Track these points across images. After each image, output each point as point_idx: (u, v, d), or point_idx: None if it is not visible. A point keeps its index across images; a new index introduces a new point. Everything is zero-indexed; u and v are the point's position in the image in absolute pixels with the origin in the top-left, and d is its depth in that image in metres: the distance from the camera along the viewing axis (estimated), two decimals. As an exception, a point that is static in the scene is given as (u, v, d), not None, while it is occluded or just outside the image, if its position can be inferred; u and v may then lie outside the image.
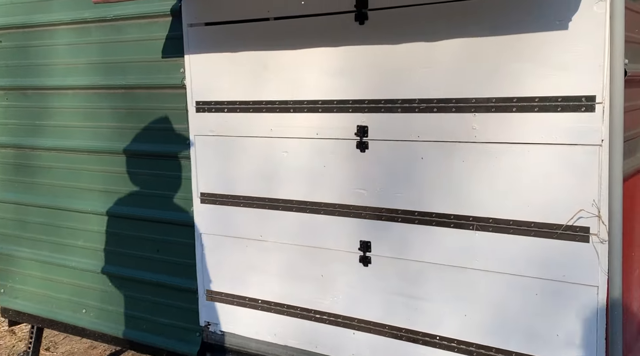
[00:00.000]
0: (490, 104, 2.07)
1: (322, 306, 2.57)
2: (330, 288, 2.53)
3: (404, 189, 2.29)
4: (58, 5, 3.13)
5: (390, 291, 2.39)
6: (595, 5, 1.84)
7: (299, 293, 2.63)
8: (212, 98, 2.72)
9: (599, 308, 1.97)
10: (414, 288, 2.33)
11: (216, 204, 2.81)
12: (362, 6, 2.27)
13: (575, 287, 2.00)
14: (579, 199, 1.95)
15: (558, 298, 2.03)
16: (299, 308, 2.65)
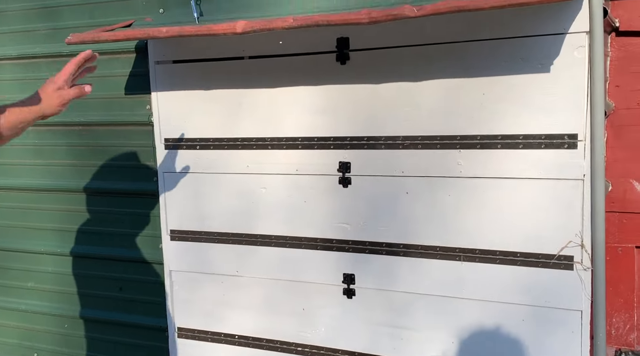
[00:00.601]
0: (475, 141, 2.16)
1: (304, 339, 2.58)
2: (312, 321, 2.55)
3: (388, 222, 2.35)
4: (5, 39, 2.96)
5: (375, 321, 2.43)
6: (575, 50, 1.97)
7: (279, 327, 2.62)
8: (183, 135, 2.66)
9: (583, 331, 2.10)
10: (400, 318, 2.38)
11: (188, 240, 2.75)
12: (343, 47, 2.30)
13: (561, 312, 2.13)
14: (564, 230, 2.08)
15: (544, 323, 2.15)
16: (279, 341, 2.65)
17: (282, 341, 2.63)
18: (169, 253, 2.81)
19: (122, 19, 2.68)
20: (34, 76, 2.95)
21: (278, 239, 2.56)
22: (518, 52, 2.05)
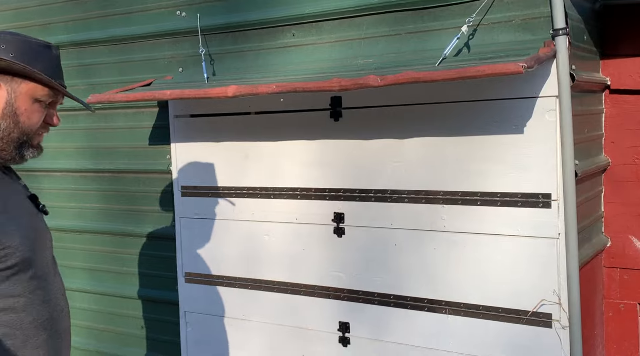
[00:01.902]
0: (457, 197, 2.24)
1: (304, 384, 2.67)
2: (311, 367, 2.64)
3: (379, 273, 2.44)
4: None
5: (368, 370, 2.50)
6: (546, 113, 2.04)
7: (281, 371, 2.73)
8: (197, 183, 2.86)
9: (563, 389, 2.11)
10: (391, 367, 2.45)
11: (200, 283, 2.92)
12: (336, 105, 2.45)
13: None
14: (541, 288, 2.11)
15: (525, 379, 2.17)
16: (281, 385, 2.75)
17: (283, 384, 2.74)
18: (184, 294, 2.98)
19: (147, 76, 2.94)
20: (72, 126, 3.24)
21: (280, 285, 2.69)
22: (494, 113, 2.14)
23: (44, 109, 1.66)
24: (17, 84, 1.61)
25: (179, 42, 2.87)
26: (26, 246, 1.57)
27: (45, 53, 1.65)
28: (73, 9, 3.20)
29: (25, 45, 1.61)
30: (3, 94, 1.60)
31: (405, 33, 2.30)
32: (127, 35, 3.01)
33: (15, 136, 1.63)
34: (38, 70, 1.60)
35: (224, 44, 2.74)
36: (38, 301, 1.61)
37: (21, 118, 1.62)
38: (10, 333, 1.55)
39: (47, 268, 1.67)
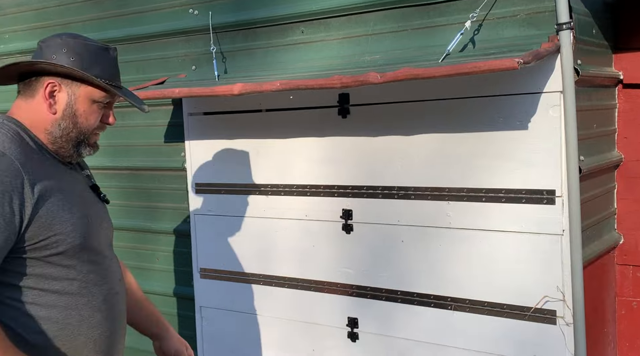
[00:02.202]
0: (462, 194, 2.23)
1: (315, 379, 2.70)
2: (321, 362, 2.67)
3: (387, 269, 2.45)
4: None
5: (377, 366, 2.52)
6: (550, 109, 2.02)
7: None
8: (210, 180, 2.90)
9: (568, 386, 2.09)
10: (399, 363, 2.46)
11: (215, 279, 2.96)
12: (344, 102, 2.46)
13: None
14: (545, 284, 2.09)
15: (530, 376, 2.16)
16: (293, 379, 2.78)
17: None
18: (199, 289, 3.03)
19: (161, 75, 2.99)
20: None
21: (290, 281, 2.72)
22: (499, 109, 2.13)
23: (101, 109, 1.76)
24: (76, 87, 1.71)
25: (191, 40, 2.91)
26: (78, 233, 1.68)
27: (103, 55, 1.73)
28: (90, 8, 3.27)
29: (84, 48, 1.70)
30: (64, 96, 1.71)
31: (412, 29, 2.30)
32: (142, 34, 3.06)
33: (74, 136, 1.73)
34: (96, 73, 1.69)
35: (235, 42, 2.78)
36: (92, 284, 1.73)
37: (80, 119, 1.72)
38: (66, 313, 1.67)
39: (101, 254, 1.78)
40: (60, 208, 1.65)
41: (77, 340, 1.71)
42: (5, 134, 1.65)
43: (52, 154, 1.74)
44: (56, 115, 1.71)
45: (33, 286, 1.64)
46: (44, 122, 1.71)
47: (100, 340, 1.77)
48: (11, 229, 1.55)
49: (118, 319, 1.83)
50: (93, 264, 1.74)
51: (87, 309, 1.72)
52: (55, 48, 1.69)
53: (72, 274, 1.69)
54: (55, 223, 1.63)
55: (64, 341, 1.69)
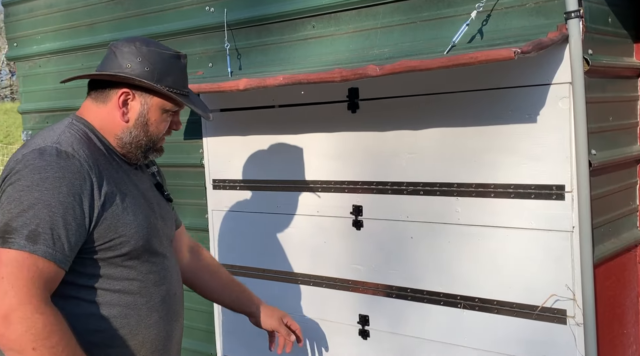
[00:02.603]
0: (470, 189, 2.18)
1: (328, 377, 2.68)
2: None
3: (396, 266, 2.41)
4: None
5: (388, 364, 2.48)
6: (560, 101, 1.95)
7: (306, 362, 2.75)
8: (227, 177, 2.92)
9: (580, 389, 2.01)
10: (410, 362, 2.42)
11: (234, 274, 2.96)
12: (353, 97, 2.44)
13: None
14: (555, 283, 2.02)
15: (541, 378, 2.09)
16: (308, 377, 2.77)
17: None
18: (217, 283, 3.05)
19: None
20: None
21: (303, 277, 2.71)
22: (507, 102, 2.06)
23: (170, 117, 1.82)
24: (149, 97, 1.77)
25: (208, 37, 2.93)
26: (140, 234, 1.74)
27: (175, 64, 1.78)
28: (114, 8, 3.33)
29: (158, 57, 1.75)
30: (137, 106, 1.77)
31: (420, 21, 2.25)
32: (162, 32, 3.09)
33: (144, 143, 1.80)
34: (168, 84, 1.74)
35: (249, 39, 2.78)
36: (151, 284, 1.79)
37: (151, 128, 1.79)
38: (126, 312, 1.73)
39: (161, 254, 1.84)
40: (125, 211, 1.71)
41: (135, 339, 1.76)
42: (74, 135, 1.71)
43: (119, 156, 1.80)
44: (128, 123, 1.77)
45: (95, 285, 1.69)
46: (115, 128, 1.77)
47: (157, 340, 1.81)
48: (82, 230, 1.61)
49: (175, 320, 1.88)
50: (153, 265, 1.80)
51: (145, 309, 1.77)
52: (130, 56, 1.73)
53: (132, 274, 1.75)
54: (119, 225, 1.69)
55: (120, 341, 1.73)
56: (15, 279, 1.49)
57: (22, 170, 1.60)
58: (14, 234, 1.53)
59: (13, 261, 1.51)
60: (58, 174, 1.59)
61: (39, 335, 1.48)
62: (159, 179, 2.02)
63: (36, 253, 1.52)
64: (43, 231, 1.54)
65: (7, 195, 1.59)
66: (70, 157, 1.63)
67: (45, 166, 1.59)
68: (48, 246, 1.54)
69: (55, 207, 1.56)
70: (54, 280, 1.57)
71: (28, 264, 1.51)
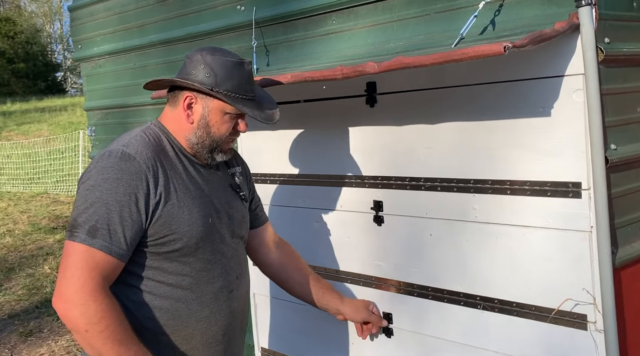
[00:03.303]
0: (487, 186, 2.10)
1: (356, 373, 2.67)
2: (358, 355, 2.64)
3: (417, 263, 2.36)
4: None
5: (411, 363, 2.44)
6: (574, 93, 1.84)
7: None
8: (257, 171, 2.95)
9: (601, 399, 1.91)
10: (432, 363, 2.37)
11: (263, 268, 3.01)
12: (371, 91, 2.40)
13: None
14: (574, 286, 1.92)
15: (560, 385, 1.99)
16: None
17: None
18: (252, 277, 3.09)
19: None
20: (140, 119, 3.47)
21: (329, 272, 2.70)
22: (521, 95, 1.97)
23: (233, 119, 1.94)
24: (210, 100, 1.90)
25: (240, 35, 2.96)
26: (193, 232, 1.86)
27: (237, 70, 1.90)
28: (160, 10, 3.42)
29: (220, 64, 1.87)
30: (199, 109, 1.91)
31: (434, 13, 2.18)
32: (199, 32, 3.15)
33: (208, 143, 1.93)
34: (227, 88, 1.87)
35: (277, 35, 2.79)
36: (203, 281, 1.91)
37: (212, 129, 1.92)
38: (176, 305, 1.88)
39: (219, 252, 1.96)
40: (180, 209, 1.84)
41: (185, 330, 1.90)
42: (143, 138, 1.89)
43: (190, 156, 1.95)
44: (193, 124, 1.91)
45: (151, 277, 1.86)
46: (184, 130, 1.93)
47: (208, 333, 1.94)
48: (137, 226, 1.77)
49: (231, 316, 2.00)
50: (207, 263, 1.92)
51: (196, 304, 1.90)
52: (195, 64, 1.88)
53: (185, 270, 1.88)
54: (173, 223, 1.82)
55: (172, 329, 1.88)
56: (76, 268, 1.70)
57: (91, 170, 1.81)
58: (78, 229, 1.74)
59: (77, 253, 1.72)
60: (117, 175, 1.77)
61: (90, 319, 1.68)
62: (237, 180, 2.13)
63: (94, 246, 1.72)
64: (101, 226, 1.73)
65: (79, 193, 1.81)
66: (132, 160, 1.79)
67: (108, 168, 1.78)
68: (105, 240, 1.73)
69: (113, 205, 1.74)
70: (110, 271, 1.76)
71: (87, 256, 1.72)
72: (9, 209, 11.25)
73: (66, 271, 1.72)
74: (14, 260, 7.75)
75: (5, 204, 11.75)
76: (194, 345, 1.92)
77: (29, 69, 33.65)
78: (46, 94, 30.89)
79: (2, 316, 5.90)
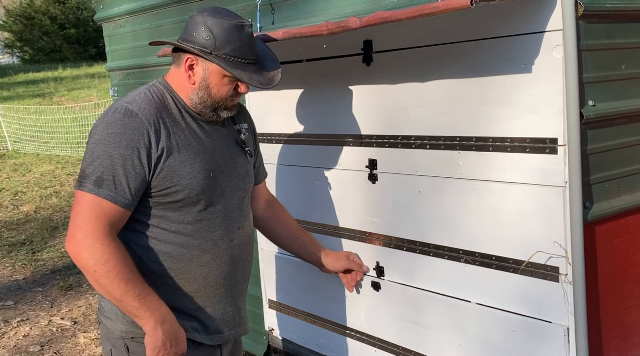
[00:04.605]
0: (471, 143, 2.13)
1: (349, 323, 2.77)
2: (352, 308, 2.73)
3: (407, 219, 2.42)
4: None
5: (399, 316, 2.52)
6: (554, 49, 1.85)
7: (331, 309, 2.85)
8: (263, 131, 3.03)
9: (569, 348, 1.95)
10: (418, 315, 2.44)
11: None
12: (368, 49, 2.44)
13: (548, 326, 2.00)
14: (548, 240, 1.95)
15: (532, 336, 2.04)
16: (329, 321, 2.88)
17: (333, 322, 2.86)
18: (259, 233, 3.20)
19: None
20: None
21: (328, 227, 2.79)
22: (504, 52, 1.98)
23: (233, 81, 2.00)
24: (209, 63, 1.95)
25: (247, -6, 3.02)
26: (194, 185, 1.97)
27: (237, 33, 1.94)
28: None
29: (220, 27, 1.92)
30: (200, 71, 1.98)
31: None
32: (209, -10, 3.22)
33: (210, 103, 2.01)
34: (226, 52, 1.91)
35: (281, -7, 2.84)
36: (204, 229, 2.03)
37: (213, 91, 1.99)
38: (179, 251, 2.01)
39: (221, 203, 2.06)
40: (182, 163, 1.95)
41: (187, 274, 2.04)
42: (146, 95, 1.99)
43: (193, 113, 2.03)
44: (194, 85, 1.99)
45: (156, 224, 1.99)
46: (187, 90, 2.01)
47: (209, 277, 2.08)
48: (141, 178, 1.90)
49: (231, 262, 2.12)
50: (208, 213, 2.03)
51: (197, 250, 2.03)
52: (196, 26, 1.94)
53: (187, 219, 2.00)
54: (174, 176, 1.94)
55: (175, 272, 2.03)
56: (85, 215, 1.85)
57: (98, 126, 1.92)
58: (86, 179, 1.88)
59: (85, 202, 1.86)
60: (120, 130, 1.88)
61: (97, 260, 1.83)
62: (243, 136, 2.22)
63: (100, 195, 1.86)
64: (106, 177, 1.86)
65: (87, 146, 1.93)
66: (134, 116, 1.89)
67: (112, 123, 1.89)
68: (110, 190, 1.86)
69: (117, 158, 1.86)
70: (117, 218, 1.89)
71: (94, 205, 1.86)
72: (56, 171, 11.67)
73: (76, 217, 1.87)
74: (58, 220, 8.10)
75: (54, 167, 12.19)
76: (196, 287, 2.05)
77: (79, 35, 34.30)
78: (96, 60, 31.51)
79: (45, 272, 6.24)
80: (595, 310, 1.98)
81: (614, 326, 2.08)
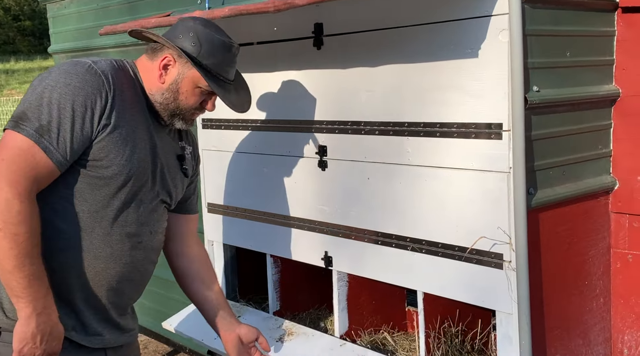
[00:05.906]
0: (419, 129, 2.11)
1: (297, 314, 2.73)
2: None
3: (356, 207, 2.39)
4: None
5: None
6: (500, 33, 1.84)
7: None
8: (214, 116, 2.97)
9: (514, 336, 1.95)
10: (366, 303, 2.42)
11: (218, 214, 3.05)
12: (319, 33, 2.40)
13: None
14: (492, 226, 1.95)
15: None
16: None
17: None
18: (208, 224, 3.13)
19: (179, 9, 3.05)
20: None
21: (277, 217, 2.74)
22: (451, 36, 1.97)
23: (203, 95, 1.95)
24: (187, 68, 1.89)
25: (197, -27, 2.95)
26: (127, 169, 1.83)
27: (224, 50, 1.92)
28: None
29: (208, 38, 1.89)
30: (174, 72, 1.90)
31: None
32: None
33: (171, 108, 1.93)
34: (207, 63, 1.88)
35: (231, -26, 2.78)
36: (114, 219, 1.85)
37: (180, 97, 1.92)
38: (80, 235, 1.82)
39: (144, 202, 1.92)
40: (124, 143, 1.82)
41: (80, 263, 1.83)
42: (112, 62, 1.87)
43: (149, 108, 1.93)
44: (164, 85, 1.91)
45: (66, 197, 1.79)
46: (153, 85, 1.92)
47: (102, 274, 1.87)
48: (85, 140, 1.75)
49: (131, 266, 1.92)
50: (127, 206, 1.87)
51: (100, 239, 1.84)
52: (185, 30, 1.89)
53: (103, 201, 1.83)
54: (112, 151, 1.80)
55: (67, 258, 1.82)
56: (12, 163, 1.64)
57: (54, 71, 1.76)
58: (26, 122, 1.68)
59: (17, 147, 1.66)
60: (80, 84, 1.73)
61: (10, 218, 1.62)
62: (186, 155, 2.10)
63: (39, 145, 1.67)
64: (51, 129, 1.69)
65: (32, 86, 1.75)
66: (97, 75, 1.77)
67: (73, 74, 1.74)
68: (51, 143, 1.69)
69: (68, 111, 1.71)
70: (45, 177, 1.70)
71: (28, 153, 1.66)
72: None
73: (1, 163, 1.64)
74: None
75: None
76: (84, 281, 1.84)
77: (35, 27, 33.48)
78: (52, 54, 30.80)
79: None
80: (538, 298, 1.98)
81: (556, 316, 2.09)
